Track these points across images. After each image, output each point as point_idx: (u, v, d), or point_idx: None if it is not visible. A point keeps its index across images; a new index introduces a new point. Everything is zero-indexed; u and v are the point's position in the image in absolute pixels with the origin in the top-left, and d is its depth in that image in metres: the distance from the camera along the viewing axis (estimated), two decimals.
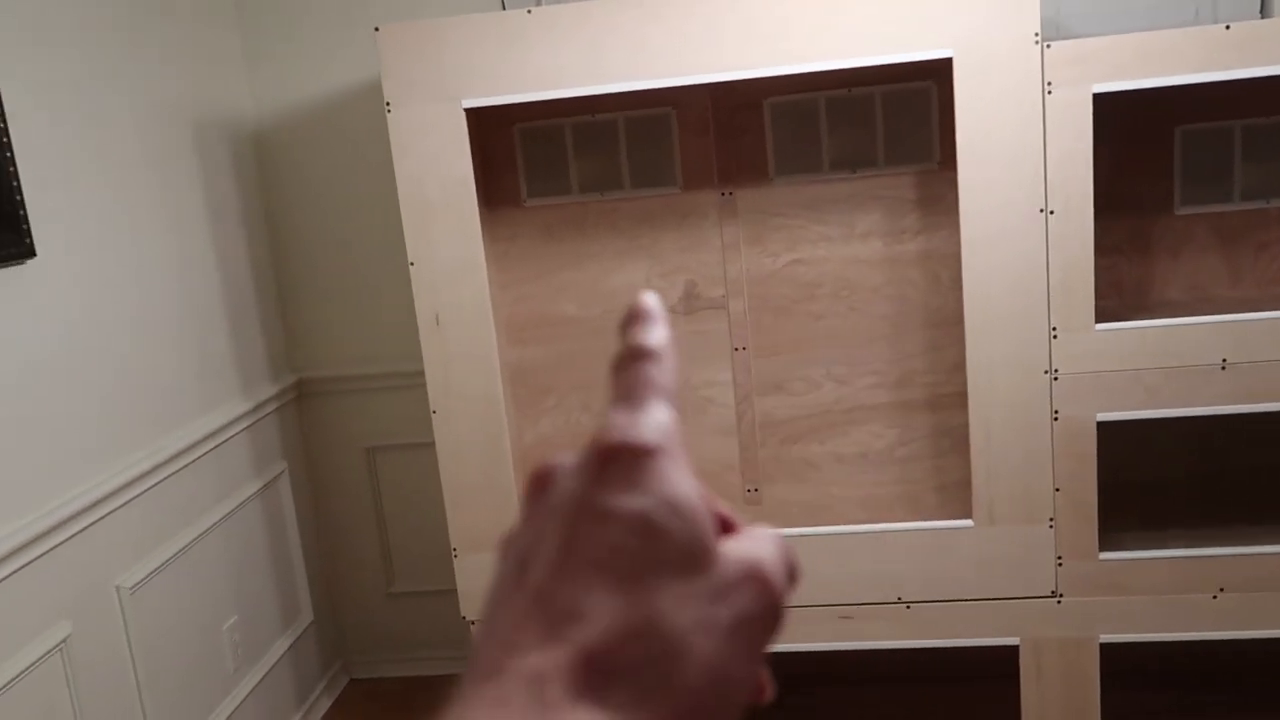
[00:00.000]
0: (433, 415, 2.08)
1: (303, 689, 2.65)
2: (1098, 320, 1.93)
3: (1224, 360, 1.86)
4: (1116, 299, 2.34)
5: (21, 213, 1.71)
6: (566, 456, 0.36)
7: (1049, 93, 1.80)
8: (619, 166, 2.39)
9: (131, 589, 1.97)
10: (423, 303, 2.04)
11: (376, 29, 1.92)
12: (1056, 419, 1.92)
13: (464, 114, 1.95)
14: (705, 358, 2.47)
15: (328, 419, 2.75)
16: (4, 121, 1.68)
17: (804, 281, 2.40)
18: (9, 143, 1.69)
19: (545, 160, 2.40)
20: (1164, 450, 2.34)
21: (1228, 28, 1.74)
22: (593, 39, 1.92)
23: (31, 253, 1.74)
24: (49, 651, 1.74)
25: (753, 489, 2.53)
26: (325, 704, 2.75)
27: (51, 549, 1.77)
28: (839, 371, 2.44)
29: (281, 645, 2.55)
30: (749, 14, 1.90)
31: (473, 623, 2.18)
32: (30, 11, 1.83)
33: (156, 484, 2.08)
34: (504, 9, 2.51)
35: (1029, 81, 1.80)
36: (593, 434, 0.35)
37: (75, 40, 1.95)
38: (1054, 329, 1.88)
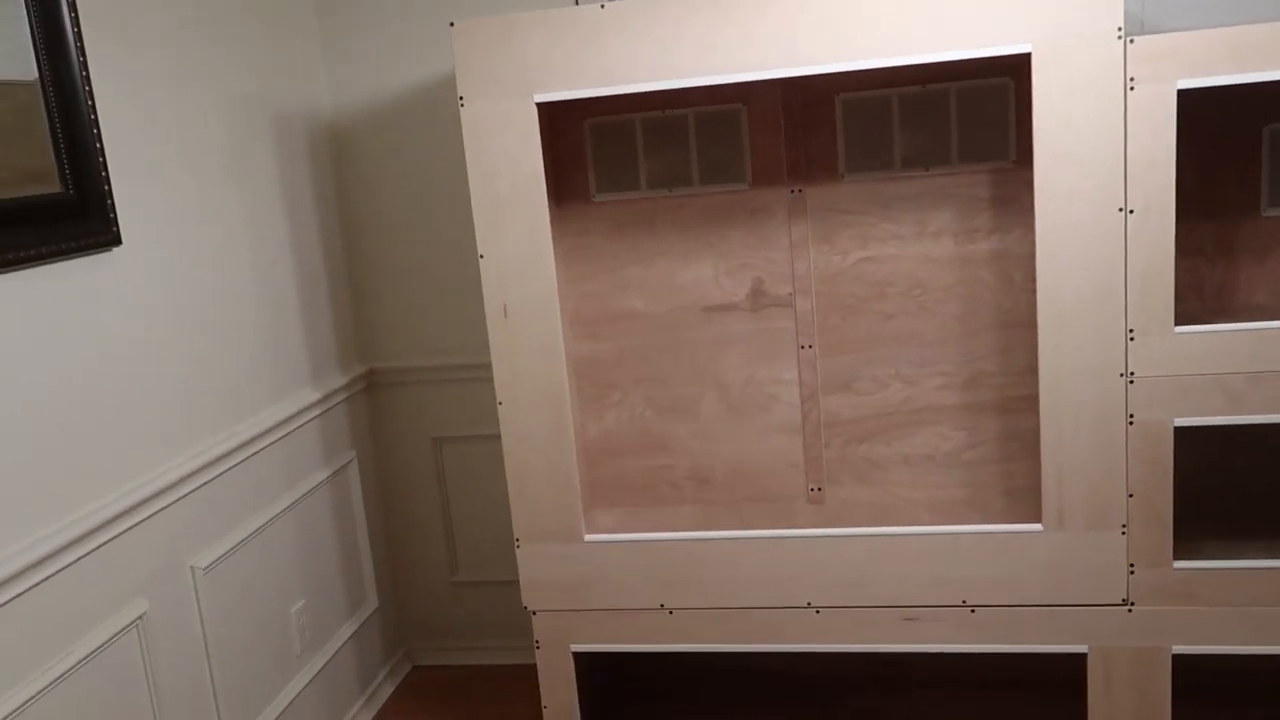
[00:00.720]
0: (499, 407, 2.10)
1: (366, 674, 2.70)
2: (1177, 323, 1.89)
3: None
4: (1198, 302, 2.28)
5: (109, 201, 1.77)
6: None
7: (1131, 89, 1.75)
8: (688, 163, 2.39)
9: (205, 569, 2.02)
10: (491, 295, 2.06)
11: (452, 24, 1.94)
12: (1132, 423, 1.87)
13: (535, 108, 1.96)
14: (771, 355, 2.46)
15: (396, 409, 2.79)
16: (95, 114, 1.73)
17: (873, 280, 2.38)
18: (99, 134, 1.75)
19: (615, 156, 2.41)
20: (1245, 457, 2.27)
21: None
22: (664, 34, 1.92)
23: (117, 240, 1.80)
24: (126, 627, 1.79)
25: (816, 488, 2.52)
26: (388, 690, 2.80)
27: (130, 528, 1.82)
28: (907, 371, 2.41)
29: (346, 630, 2.60)
30: (823, 8, 1.88)
31: (534, 613, 2.20)
32: (120, 5, 1.89)
33: (230, 469, 2.13)
34: (577, 4, 2.53)
35: (1110, 77, 1.76)
36: None
37: (162, 34, 2.00)
38: (1131, 331, 1.84)
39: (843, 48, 1.89)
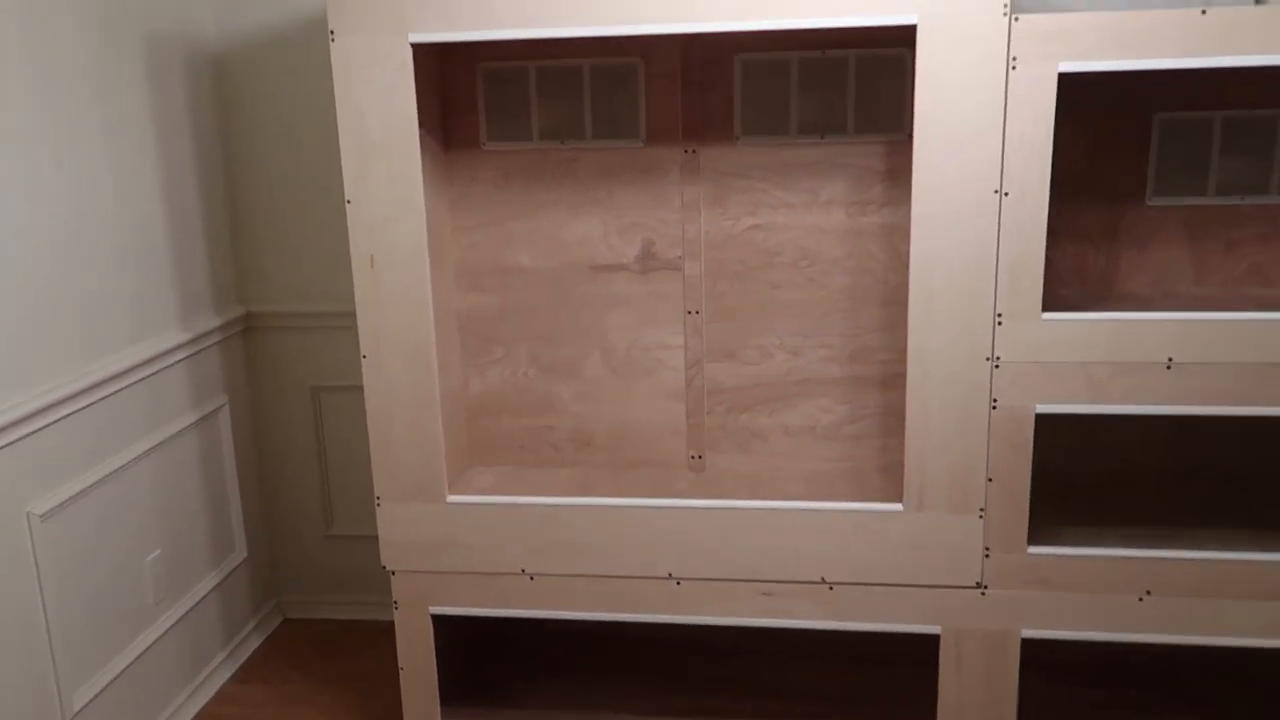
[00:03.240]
0: (363, 360, 2.03)
1: (232, 625, 2.63)
2: (1058, 308, 1.88)
3: (1170, 359, 1.81)
4: (1080, 287, 2.29)
5: None
6: None
7: (1013, 68, 1.72)
8: (582, 115, 2.32)
9: (43, 516, 1.93)
10: (358, 243, 1.98)
11: None
12: (995, 407, 1.87)
13: (410, 49, 1.87)
14: (658, 319, 2.42)
15: (274, 355, 2.70)
16: None
17: (763, 248, 2.34)
18: None
19: (507, 103, 2.33)
20: (1106, 444, 2.29)
21: (1204, 12, 1.66)
22: None
23: None
24: None
25: (696, 455, 2.49)
26: (256, 641, 2.73)
27: None
28: (792, 343, 2.39)
29: (211, 580, 2.52)
30: None
31: (393, 573, 2.15)
32: None
33: (78, 410, 2.03)
34: None
35: (993, 55, 1.72)
36: None
37: None
38: (999, 315, 1.83)
39: (732, 6, 1.83)
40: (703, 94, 2.28)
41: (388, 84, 1.89)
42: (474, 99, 2.32)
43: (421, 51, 2.15)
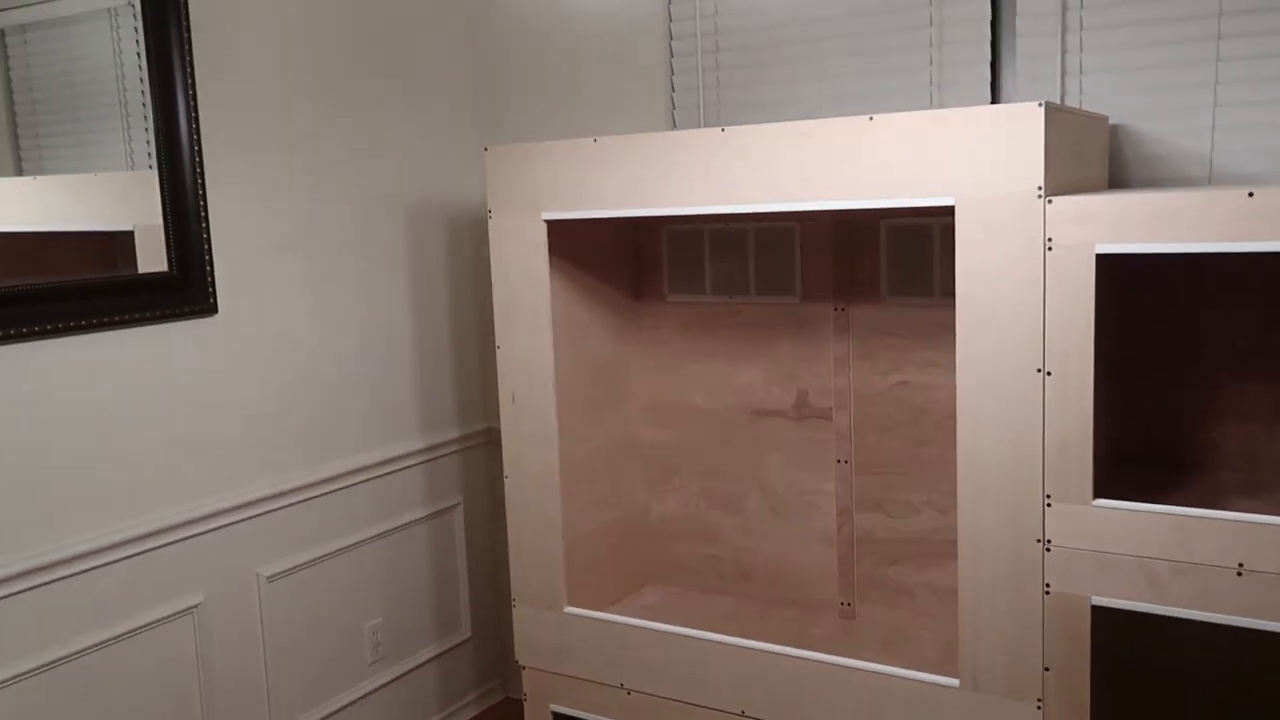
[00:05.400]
0: (505, 479, 2.38)
1: (451, 693, 3.06)
2: (1211, 491, 1.78)
3: (1240, 565, 1.62)
4: (1248, 473, 2.07)
5: (209, 279, 2.28)
6: None
7: (1050, 249, 1.70)
8: (747, 273, 2.54)
9: (270, 578, 2.48)
10: (504, 381, 2.35)
11: (485, 148, 2.28)
12: (1048, 593, 1.77)
13: (545, 224, 2.24)
14: (812, 464, 2.53)
15: None
16: (205, 211, 2.26)
17: (910, 404, 2.39)
18: (207, 226, 2.27)
19: (686, 262, 2.62)
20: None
21: (1251, 194, 1.54)
22: (634, 168, 2.11)
23: (215, 310, 2.31)
24: (179, 612, 2.28)
25: (847, 603, 2.54)
26: (473, 710, 3.14)
27: (202, 533, 2.32)
28: (940, 501, 2.39)
29: (431, 651, 2.98)
30: (754, 160, 1.98)
31: (524, 668, 2.44)
32: (244, 121, 2.42)
33: (312, 498, 2.58)
34: (674, 127, 2.76)
35: (1028, 236, 1.71)
36: None
37: (288, 144, 2.52)
38: (1048, 496, 1.76)
39: (774, 191, 1.98)
40: (851, 256, 2.40)
41: (528, 252, 2.26)
42: (660, 258, 2.64)
43: (617, 224, 2.54)
